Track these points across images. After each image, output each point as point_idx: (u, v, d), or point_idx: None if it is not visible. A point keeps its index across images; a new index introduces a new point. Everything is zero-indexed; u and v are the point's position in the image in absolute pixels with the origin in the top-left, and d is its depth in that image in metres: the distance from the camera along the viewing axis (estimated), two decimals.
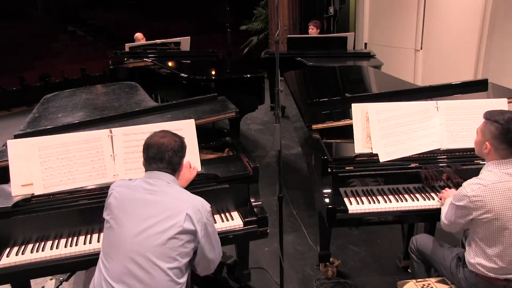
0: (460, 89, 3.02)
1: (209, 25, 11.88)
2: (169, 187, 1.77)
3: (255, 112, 5.08)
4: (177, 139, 1.87)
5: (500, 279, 1.88)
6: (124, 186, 1.79)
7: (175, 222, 1.65)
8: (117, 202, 1.74)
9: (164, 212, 1.67)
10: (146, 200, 1.71)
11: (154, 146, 1.81)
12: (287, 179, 4.35)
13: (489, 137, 1.86)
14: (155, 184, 1.76)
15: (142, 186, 1.76)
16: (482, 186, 1.82)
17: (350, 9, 7.88)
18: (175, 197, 1.73)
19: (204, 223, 1.72)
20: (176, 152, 1.84)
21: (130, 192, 1.75)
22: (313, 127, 2.73)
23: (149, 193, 1.73)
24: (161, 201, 1.71)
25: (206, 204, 1.77)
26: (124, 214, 1.70)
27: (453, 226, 1.99)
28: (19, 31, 10.63)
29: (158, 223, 1.65)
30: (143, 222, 1.66)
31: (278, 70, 2.18)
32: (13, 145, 2.11)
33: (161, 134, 1.86)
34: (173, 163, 1.83)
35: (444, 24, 5.47)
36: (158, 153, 1.81)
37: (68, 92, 3.71)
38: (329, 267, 2.82)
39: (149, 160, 1.83)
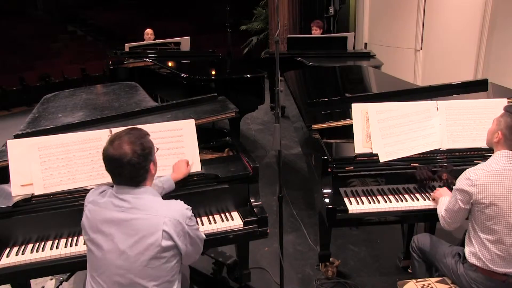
0: (460, 89, 3.03)
1: (209, 25, 11.88)
2: (140, 200, 1.60)
3: (255, 112, 5.08)
4: (135, 147, 1.59)
5: (499, 273, 1.89)
6: (94, 203, 1.64)
7: (152, 242, 1.54)
8: (89, 223, 1.62)
9: (140, 232, 1.54)
10: (119, 219, 1.57)
11: (110, 160, 1.59)
12: (287, 179, 4.35)
13: (503, 126, 1.92)
14: (125, 199, 1.60)
15: (113, 202, 1.60)
16: (485, 172, 1.87)
17: (350, 9, 7.88)
18: (149, 213, 1.57)
19: (186, 232, 1.60)
20: (136, 165, 1.58)
21: (101, 211, 1.60)
22: (313, 127, 2.73)
23: (121, 210, 1.58)
24: (134, 219, 1.56)
25: (185, 210, 1.63)
26: (99, 236, 1.58)
27: (452, 217, 1.99)
28: (19, 31, 10.63)
29: (135, 244, 1.54)
30: (120, 244, 1.55)
31: (278, 70, 2.18)
32: (13, 145, 2.11)
33: (116, 144, 1.58)
34: (135, 177, 1.61)
35: (444, 24, 5.47)
36: (115, 168, 1.59)
37: (68, 92, 3.70)
38: (329, 267, 2.82)
39: (110, 174, 1.63)
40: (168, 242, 1.56)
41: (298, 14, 8.78)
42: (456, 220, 2.01)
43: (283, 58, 5.20)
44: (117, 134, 1.63)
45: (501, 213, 1.85)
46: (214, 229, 2.20)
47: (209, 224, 2.22)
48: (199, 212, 2.28)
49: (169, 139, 2.25)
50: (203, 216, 2.28)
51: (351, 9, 7.87)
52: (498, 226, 1.86)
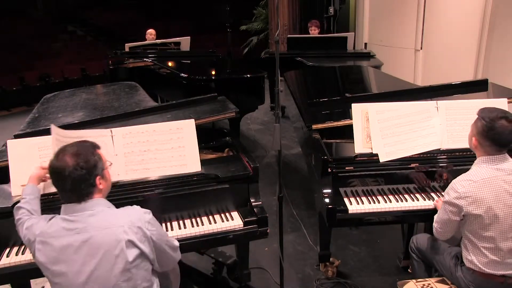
0: (460, 89, 3.03)
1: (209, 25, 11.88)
2: (93, 217, 1.53)
3: (255, 112, 5.08)
4: (79, 160, 1.52)
5: (496, 275, 1.89)
6: (44, 236, 1.52)
7: (117, 253, 1.48)
8: (46, 258, 1.51)
9: (102, 248, 1.48)
10: (76, 242, 1.49)
11: (52, 172, 1.53)
12: (287, 179, 4.35)
13: (475, 132, 1.93)
14: (76, 219, 1.52)
15: (64, 227, 1.51)
16: (472, 182, 1.86)
17: (350, 9, 7.89)
18: (106, 226, 1.51)
19: (148, 237, 1.55)
20: (77, 178, 1.51)
21: (55, 241, 1.50)
22: (313, 127, 2.73)
23: (76, 233, 1.50)
24: (92, 237, 1.49)
25: (143, 215, 1.58)
26: (62, 265, 1.49)
27: (445, 228, 1.99)
28: (19, 31, 10.63)
29: (101, 263, 1.48)
30: (85, 267, 1.48)
31: (278, 70, 2.18)
32: (13, 145, 2.11)
33: (60, 156, 1.53)
34: (77, 190, 1.53)
35: (444, 24, 5.47)
36: (58, 181, 1.53)
37: (68, 92, 3.70)
38: (329, 267, 2.82)
39: (56, 189, 1.57)
40: (133, 250, 1.51)
41: (298, 14, 8.78)
42: (447, 230, 2.00)
43: (283, 58, 5.20)
44: (64, 146, 1.57)
45: (494, 221, 1.84)
46: (214, 229, 2.20)
47: (209, 224, 2.22)
48: (199, 212, 2.28)
49: (169, 139, 2.25)
50: (203, 216, 2.28)
51: (351, 9, 7.88)
52: (492, 233, 1.86)
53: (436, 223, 2.04)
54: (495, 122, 1.85)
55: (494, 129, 1.85)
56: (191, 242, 2.16)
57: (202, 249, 2.72)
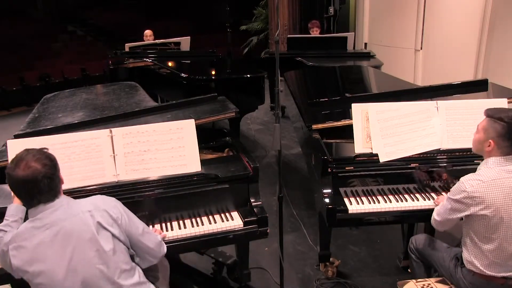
0: (460, 89, 3.03)
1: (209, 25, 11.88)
2: (57, 210, 1.56)
3: (255, 112, 5.08)
4: (44, 160, 1.56)
5: (497, 277, 1.88)
6: (15, 241, 1.54)
7: (89, 238, 1.53)
8: (22, 261, 1.53)
9: (73, 236, 1.52)
10: (47, 237, 1.52)
11: (24, 182, 1.51)
12: (287, 179, 4.35)
13: (494, 135, 1.87)
14: (42, 217, 1.54)
15: (33, 226, 1.54)
16: (481, 182, 1.83)
17: (350, 9, 7.89)
18: (72, 214, 1.56)
19: (115, 219, 1.61)
20: (51, 176, 1.55)
21: (27, 242, 1.52)
22: (313, 127, 2.73)
23: (46, 228, 1.53)
24: (61, 227, 1.53)
25: (107, 199, 1.65)
26: (39, 264, 1.51)
27: (444, 222, 2.00)
28: (19, 31, 10.63)
29: (75, 251, 1.52)
30: (62, 260, 1.51)
31: (278, 70, 2.18)
32: (13, 145, 2.11)
33: (23, 165, 1.52)
34: (53, 187, 1.57)
35: (444, 24, 5.47)
36: (32, 189, 1.52)
37: (68, 92, 3.70)
38: (329, 267, 2.82)
39: (27, 197, 1.56)
40: (103, 232, 1.56)
41: (298, 14, 8.78)
42: (446, 224, 2.00)
43: (283, 58, 5.20)
44: (17, 158, 1.56)
45: (500, 223, 1.83)
46: (214, 229, 2.20)
47: (209, 224, 2.22)
48: (199, 212, 2.29)
49: (169, 139, 2.25)
50: (203, 216, 2.28)
51: (351, 9, 7.88)
52: (496, 235, 1.84)
53: (436, 215, 2.02)
54: None
55: None
56: (191, 242, 2.16)
57: (202, 249, 2.72)
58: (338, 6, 8.17)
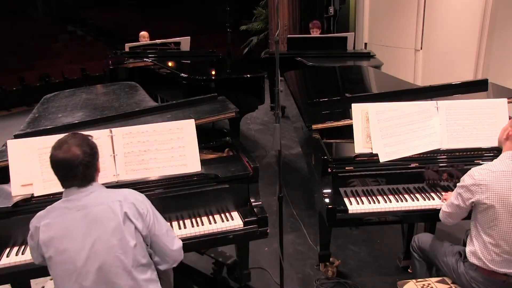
0: (460, 89, 3.02)
1: (209, 25, 11.89)
2: (89, 195, 1.63)
3: (255, 112, 5.08)
4: (85, 147, 1.63)
5: (499, 273, 1.89)
6: (48, 217, 1.60)
7: (115, 226, 1.58)
8: (50, 236, 1.58)
9: (99, 221, 1.58)
10: (76, 219, 1.59)
11: (60, 164, 1.59)
12: (287, 179, 4.35)
13: None
14: (75, 198, 1.62)
15: (65, 206, 1.61)
16: (490, 172, 1.87)
17: (350, 9, 7.89)
18: (101, 202, 1.62)
19: (141, 213, 1.65)
20: (87, 164, 1.62)
21: (58, 219, 1.60)
22: (313, 127, 2.73)
23: (76, 209, 1.60)
24: (90, 212, 1.60)
25: (136, 194, 1.71)
26: (65, 243, 1.57)
27: (453, 212, 2.01)
28: (19, 31, 10.63)
29: (99, 236, 1.57)
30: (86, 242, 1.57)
31: (278, 70, 2.18)
32: (13, 145, 2.11)
33: (65, 148, 1.60)
34: (88, 175, 1.64)
35: (444, 24, 5.47)
36: (68, 171, 1.60)
37: (68, 92, 3.70)
38: (329, 267, 2.82)
39: (62, 179, 1.63)
40: (128, 223, 1.61)
41: (298, 14, 8.79)
42: (454, 216, 2.02)
43: (283, 58, 5.20)
44: (62, 140, 1.63)
45: (504, 214, 1.84)
46: (214, 229, 2.20)
47: (209, 224, 2.22)
48: (199, 212, 2.29)
49: (169, 139, 2.25)
50: (203, 216, 2.28)
51: (351, 9, 7.88)
52: (499, 227, 1.86)
53: (445, 207, 2.06)
54: None
55: None
56: (191, 242, 2.16)
57: (202, 249, 2.72)
58: (338, 6, 8.17)
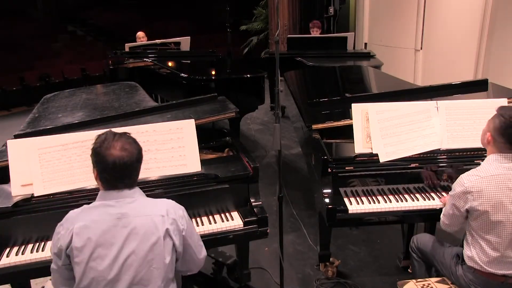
0: (460, 89, 3.03)
1: (209, 25, 11.88)
2: (134, 203, 1.57)
3: (255, 112, 5.08)
4: (135, 145, 1.60)
5: (497, 274, 1.89)
6: (84, 221, 1.52)
7: (154, 241, 1.53)
8: (84, 242, 1.49)
9: (140, 233, 1.52)
10: (116, 226, 1.52)
11: (119, 164, 1.52)
12: (287, 179, 4.35)
13: (492, 128, 1.91)
14: (117, 205, 1.55)
15: (106, 211, 1.54)
16: (479, 178, 1.86)
17: (350, 9, 7.89)
18: (145, 213, 1.56)
19: (180, 230, 1.60)
20: (140, 161, 1.60)
21: (97, 224, 1.51)
22: (313, 127, 2.73)
23: (117, 217, 1.53)
24: (132, 222, 1.53)
25: (178, 209, 1.64)
26: (101, 249, 1.50)
27: (451, 221, 2.01)
28: (19, 31, 10.63)
29: (138, 248, 1.51)
30: (123, 251, 1.51)
31: (278, 70, 2.18)
32: (13, 145, 2.11)
33: (119, 145, 1.54)
34: (138, 173, 1.62)
35: (444, 24, 5.47)
36: (125, 171, 1.54)
37: (68, 92, 3.70)
38: (329, 267, 2.82)
39: (113, 180, 1.56)
40: (168, 240, 1.57)
41: (298, 14, 8.78)
42: (454, 223, 2.02)
43: (283, 58, 5.20)
44: (108, 139, 1.56)
45: (497, 219, 1.84)
46: (214, 229, 2.20)
47: (209, 224, 2.22)
48: (199, 212, 2.28)
49: (169, 139, 2.25)
50: (203, 216, 2.28)
51: (351, 9, 7.88)
52: (495, 230, 1.86)
53: (443, 216, 2.06)
54: None
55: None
56: None
57: None
58: (338, 6, 8.17)
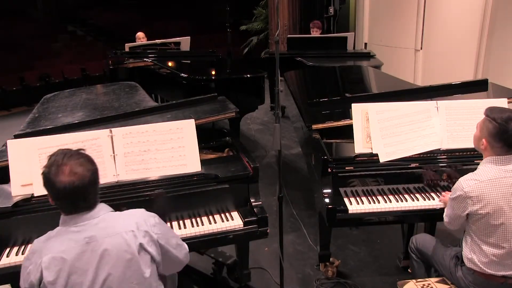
0: (460, 89, 3.03)
1: (209, 25, 11.87)
2: (100, 223, 1.49)
3: (255, 112, 5.08)
4: (88, 165, 1.47)
5: (497, 276, 1.89)
6: (51, 252, 1.43)
7: (129, 258, 1.47)
8: (57, 273, 1.42)
9: (113, 254, 1.45)
10: (87, 251, 1.44)
11: (69, 191, 1.41)
12: (287, 179, 4.35)
13: (486, 134, 1.89)
14: (84, 229, 1.46)
15: (72, 239, 1.45)
16: (478, 182, 1.85)
17: (350, 9, 7.89)
18: (114, 232, 1.48)
19: (155, 240, 1.54)
20: (95, 181, 1.49)
21: (66, 255, 1.42)
22: (313, 127, 2.73)
23: (86, 242, 1.44)
24: (103, 243, 1.45)
25: (149, 217, 1.57)
26: (75, 277, 1.42)
27: (453, 222, 2.02)
28: (19, 31, 10.62)
29: (114, 269, 1.46)
30: (99, 275, 1.44)
31: (278, 70, 2.18)
32: (13, 145, 2.11)
33: (67, 169, 1.42)
34: (96, 195, 1.51)
35: (444, 24, 5.47)
36: (79, 197, 1.44)
37: (68, 92, 3.71)
38: (329, 267, 2.82)
39: (69, 207, 1.47)
40: (143, 254, 1.51)
41: (298, 14, 8.78)
42: (455, 224, 2.02)
43: (283, 58, 5.20)
44: (57, 163, 1.43)
45: (497, 222, 1.84)
46: (214, 229, 2.20)
47: (209, 224, 2.22)
48: (199, 212, 2.29)
49: (169, 139, 2.25)
50: (203, 216, 2.28)
51: (351, 9, 7.88)
52: (495, 233, 1.86)
53: (445, 217, 2.06)
54: (509, 123, 1.81)
55: (508, 131, 1.81)
56: (191, 242, 2.15)
57: (202, 249, 2.72)
58: (338, 6, 8.17)
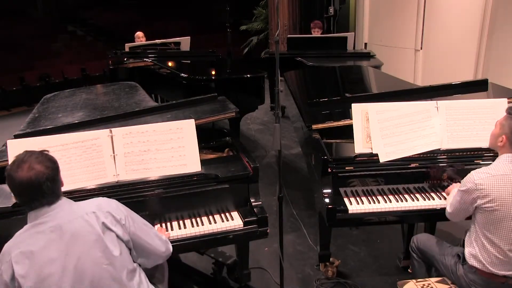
0: (460, 89, 3.03)
1: (209, 25, 11.87)
2: (60, 212, 1.54)
3: (255, 112, 5.08)
4: (47, 162, 1.53)
5: (498, 275, 1.89)
6: (19, 248, 1.48)
7: (95, 239, 1.51)
8: (28, 268, 1.46)
9: (79, 237, 1.50)
10: (53, 241, 1.49)
11: (25, 185, 1.48)
12: (287, 179, 4.35)
13: (508, 131, 1.90)
14: (46, 220, 1.51)
15: (37, 231, 1.50)
16: (490, 176, 1.86)
17: (350, 9, 7.89)
18: (76, 216, 1.54)
19: (118, 220, 1.60)
20: (54, 179, 1.53)
21: (33, 247, 1.47)
22: (313, 127, 2.73)
23: (50, 231, 1.49)
24: (67, 229, 1.50)
25: (109, 201, 1.64)
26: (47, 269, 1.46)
27: (457, 213, 2.02)
28: (19, 31, 10.62)
29: (82, 253, 1.50)
30: (69, 262, 1.48)
31: (278, 70, 2.18)
32: (13, 145, 2.11)
33: (25, 167, 1.48)
34: (56, 190, 1.55)
35: (444, 24, 5.47)
36: (36, 191, 1.49)
37: (68, 92, 3.71)
38: (329, 267, 2.82)
39: (28, 202, 1.52)
40: (108, 232, 1.55)
41: (298, 14, 8.78)
42: (458, 215, 2.03)
43: (283, 58, 5.20)
44: (19, 160, 1.52)
45: (504, 218, 1.84)
46: (214, 229, 2.20)
47: (209, 224, 2.22)
48: (199, 212, 2.29)
49: (169, 139, 2.25)
50: (203, 216, 2.29)
51: (351, 9, 7.87)
52: (500, 230, 1.86)
53: (449, 207, 2.06)
54: None
55: None
56: (191, 242, 2.16)
57: (202, 249, 2.72)
58: (338, 6, 8.17)
